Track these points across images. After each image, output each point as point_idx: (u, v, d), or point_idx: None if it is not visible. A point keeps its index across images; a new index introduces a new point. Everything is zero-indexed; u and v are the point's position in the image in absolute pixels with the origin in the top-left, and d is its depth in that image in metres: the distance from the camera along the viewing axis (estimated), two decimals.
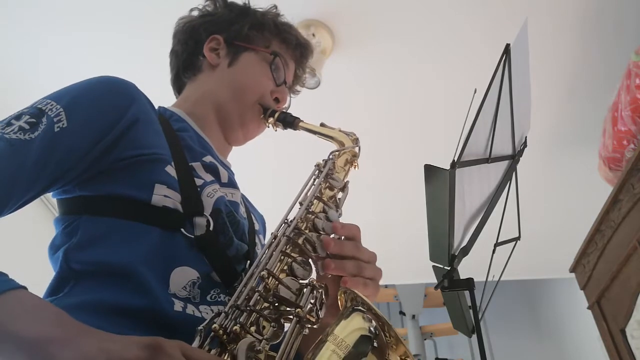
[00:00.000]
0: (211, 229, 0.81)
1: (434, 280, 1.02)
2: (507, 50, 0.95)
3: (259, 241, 0.98)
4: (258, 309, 0.69)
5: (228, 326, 0.65)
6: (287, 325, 0.70)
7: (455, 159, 0.88)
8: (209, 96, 1.04)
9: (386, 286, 4.48)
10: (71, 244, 0.77)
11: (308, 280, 0.76)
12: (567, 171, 2.81)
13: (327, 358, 0.64)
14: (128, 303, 0.70)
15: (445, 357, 4.60)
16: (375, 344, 0.65)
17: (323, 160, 0.98)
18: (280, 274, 0.76)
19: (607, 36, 2.19)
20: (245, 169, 1.37)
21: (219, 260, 0.81)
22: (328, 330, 0.68)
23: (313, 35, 2.08)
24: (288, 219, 0.84)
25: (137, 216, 0.77)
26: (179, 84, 1.12)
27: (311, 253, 0.80)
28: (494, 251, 1.05)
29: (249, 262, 0.88)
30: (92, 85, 0.81)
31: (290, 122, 1.05)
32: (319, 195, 0.90)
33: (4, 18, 2.03)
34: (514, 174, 1.07)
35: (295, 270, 0.77)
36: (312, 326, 0.70)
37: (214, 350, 0.63)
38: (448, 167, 0.89)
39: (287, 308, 0.72)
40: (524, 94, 1.08)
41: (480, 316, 0.98)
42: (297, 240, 0.80)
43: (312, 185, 0.92)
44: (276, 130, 1.08)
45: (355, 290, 0.71)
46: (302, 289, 0.74)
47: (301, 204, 0.87)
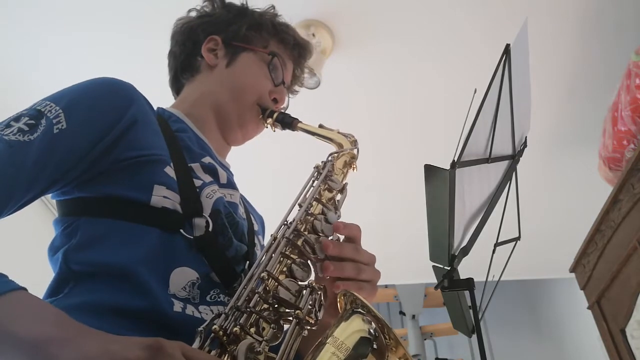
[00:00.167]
0: (210, 229, 0.81)
1: (434, 280, 1.02)
2: (507, 50, 0.95)
3: (258, 242, 0.98)
4: (258, 310, 0.70)
5: (228, 327, 0.65)
6: (286, 327, 0.70)
7: (455, 159, 0.88)
8: (208, 97, 1.04)
9: (386, 286, 4.47)
10: (71, 245, 0.77)
11: (307, 282, 0.76)
12: (567, 171, 2.81)
13: None
14: (128, 304, 0.70)
15: (445, 357, 4.60)
16: (374, 346, 0.65)
17: (322, 162, 0.98)
18: (279, 276, 0.76)
19: (607, 36, 2.19)
20: (245, 169, 1.37)
21: (218, 261, 0.81)
22: (328, 332, 0.68)
23: (313, 35, 2.08)
24: (287, 220, 0.84)
25: (136, 217, 0.77)
26: (177, 85, 1.12)
27: (310, 255, 0.80)
28: (494, 251, 1.05)
29: (248, 262, 0.88)
30: (91, 87, 0.81)
31: (288, 122, 1.05)
32: (318, 197, 0.90)
33: (4, 18, 2.03)
34: (514, 174, 1.07)
35: (294, 272, 0.77)
36: (311, 328, 0.70)
37: (214, 351, 0.63)
38: (448, 167, 0.89)
39: (286, 309, 0.72)
40: (524, 94, 1.08)
41: (480, 316, 0.98)
42: (297, 242, 0.80)
43: (311, 187, 0.92)
44: (274, 131, 1.08)
45: (354, 293, 0.71)
46: (302, 291, 0.74)
47: (300, 205, 0.87)
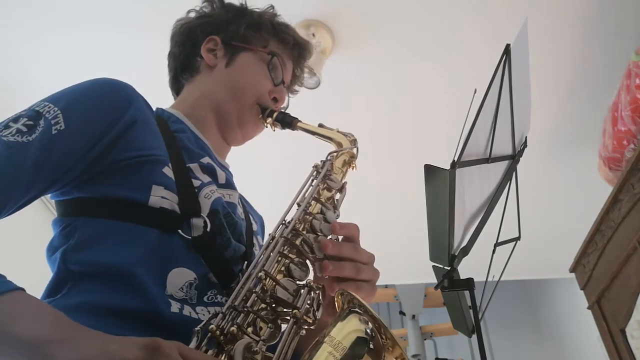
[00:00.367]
0: (208, 230, 0.81)
1: (434, 280, 1.02)
2: (507, 50, 0.95)
3: (256, 242, 0.97)
4: (255, 309, 0.69)
5: (225, 327, 0.65)
6: (284, 326, 0.70)
7: (455, 159, 0.88)
8: (207, 97, 1.04)
9: (386, 286, 4.47)
10: (69, 246, 0.77)
11: (305, 281, 0.75)
12: (567, 171, 2.81)
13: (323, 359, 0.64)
14: (125, 304, 0.70)
15: (445, 357, 4.60)
16: (371, 346, 0.65)
17: (321, 161, 0.98)
18: (277, 275, 0.76)
19: (607, 36, 2.19)
20: (245, 169, 1.37)
21: (216, 262, 0.81)
22: (325, 331, 0.68)
23: (313, 35, 2.08)
24: (286, 220, 0.84)
25: (134, 217, 0.77)
26: (177, 86, 1.12)
27: (309, 254, 0.80)
28: (494, 251, 1.05)
29: (246, 263, 0.88)
30: (89, 87, 0.81)
31: (288, 122, 1.05)
32: (317, 197, 0.90)
33: (4, 18, 2.03)
34: (514, 174, 1.07)
35: (292, 271, 0.77)
36: (309, 327, 0.70)
37: (211, 351, 0.63)
38: (448, 167, 0.89)
39: (284, 309, 0.71)
40: (524, 94, 1.08)
41: (480, 316, 0.98)
42: (295, 242, 0.80)
43: (310, 186, 0.92)
44: (274, 130, 1.07)
45: (351, 292, 0.71)
46: (300, 290, 0.73)
47: (299, 205, 0.87)
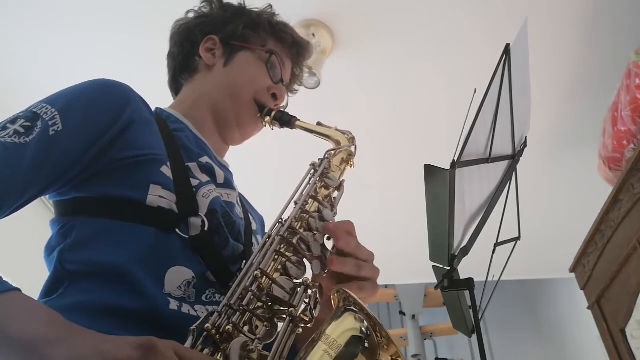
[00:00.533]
0: (206, 229, 0.81)
1: (434, 280, 1.02)
2: (507, 50, 0.95)
3: (255, 241, 0.97)
4: (251, 308, 0.69)
5: (221, 326, 0.65)
6: (280, 325, 0.70)
7: (455, 159, 0.88)
8: (205, 98, 1.04)
9: (386, 286, 4.48)
10: (66, 245, 0.77)
11: (302, 280, 0.76)
12: (567, 171, 2.81)
13: (319, 358, 0.64)
14: (122, 304, 0.71)
15: (445, 357, 4.60)
16: (366, 344, 0.65)
17: (319, 159, 0.98)
18: (274, 274, 0.76)
19: (607, 36, 2.19)
20: (244, 169, 1.37)
21: (213, 261, 0.81)
22: (320, 329, 0.68)
23: (313, 35, 2.08)
24: (282, 218, 0.84)
25: (132, 217, 0.77)
26: (176, 86, 1.12)
27: (305, 252, 0.80)
28: (494, 251, 1.05)
29: (244, 262, 0.88)
30: (87, 88, 0.81)
31: (286, 120, 1.05)
32: (314, 195, 0.90)
33: (4, 18, 2.03)
34: (514, 174, 1.07)
35: (289, 270, 0.77)
36: (305, 325, 0.70)
37: (206, 350, 0.63)
38: (448, 167, 0.88)
39: (280, 307, 0.71)
40: (524, 94, 1.08)
41: (480, 316, 0.98)
42: (292, 240, 0.80)
43: (307, 184, 0.92)
44: (273, 129, 1.07)
45: (347, 290, 0.71)
46: (296, 289, 0.73)
47: (296, 203, 0.87)
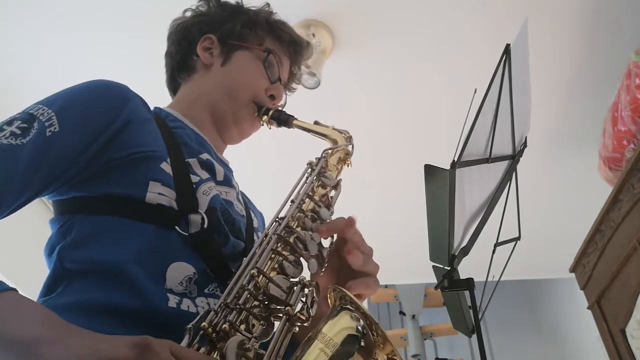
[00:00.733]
0: (205, 226, 0.81)
1: (434, 280, 1.02)
2: (507, 50, 0.95)
3: (257, 238, 0.97)
4: (248, 307, 0.69)
5: (217, 324, 0.65)
6: (277, 324, 0.70)
7: (455, 159, 0.88)
8: (204, 97, 1.04)
9: (386, 286, 4.47)
10: (65, 243, 0.77)
11: (299, 279, 0.76)
12: (567, 171, 2.81)
13: (315, 356, 0.64)
14: (120, 302, 0.71)
15: (445, 357, 4.60)
16: (362, 343, 0.66)
17: (316, 158, 0.98)
18: (270, 272, 0.76)
19: (607, 36, 2.19)
20: (244, 168, 1.37)
21: (213, 258, 0.81)
22: (317, 328, 0.68)
23: (313, 35, 2.08)
24: (279, 217, 0.84)
25: (131, 214, 0.77)
26: (174, 85, 1.12)
27: (302, 251, 0.80)
28: (494, 251, 1.05)
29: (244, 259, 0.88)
30: (84, 89, 0.81)
31: (284, 119, 1.04)
32: (311, 194, 0.90)
33: (4, 18, 2.03)
34: (514, 174, 1.07)
35: (285, 269, 0.77)
36: (302, 324, 0.70)
37: (203, 349, 0.63)
38: (448, 167, 0.88)
39: (277, 306, 0.72)
40: (524, 94, 1.08)
41: (480, 316, 0.98)
42: (288, 239, 0.80)
43: (304, 183, 0.92)
44: (270, 128, 1.07)
45: (344, 289, 0.71)
46: (293, 287, 0.73)
47: (293, 202, 0.87)
